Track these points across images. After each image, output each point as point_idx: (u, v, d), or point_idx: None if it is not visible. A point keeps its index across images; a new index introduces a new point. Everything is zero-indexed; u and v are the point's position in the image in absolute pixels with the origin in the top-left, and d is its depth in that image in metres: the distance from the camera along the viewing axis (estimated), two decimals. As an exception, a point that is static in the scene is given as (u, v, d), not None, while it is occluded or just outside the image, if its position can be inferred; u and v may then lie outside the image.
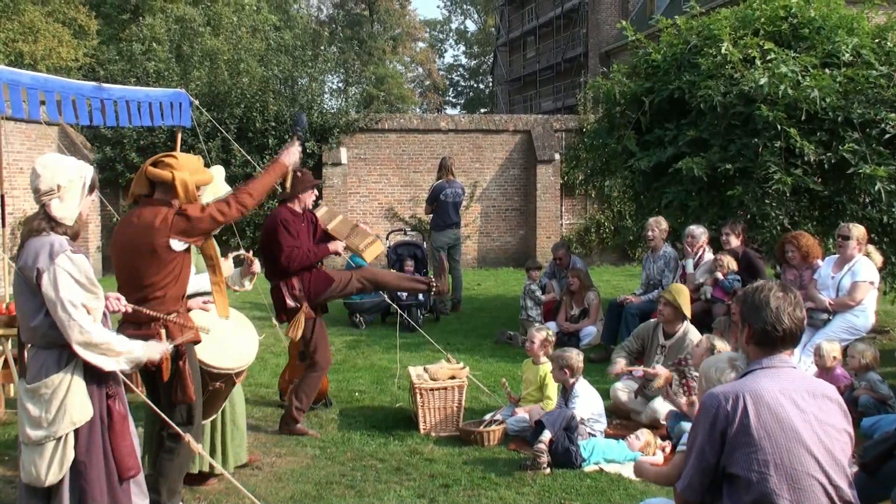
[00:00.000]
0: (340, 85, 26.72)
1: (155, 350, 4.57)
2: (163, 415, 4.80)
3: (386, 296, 11.32)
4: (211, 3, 33.05)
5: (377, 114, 22.36)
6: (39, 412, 4.10)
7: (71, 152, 17.20)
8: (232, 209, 4.95)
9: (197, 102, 8.64)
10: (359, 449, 7.00)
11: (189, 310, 5.28)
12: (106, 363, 4.17)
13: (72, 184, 4.22)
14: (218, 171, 6.28)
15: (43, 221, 4.16)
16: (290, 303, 7.17)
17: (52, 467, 4.09)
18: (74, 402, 4.12)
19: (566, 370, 7.13)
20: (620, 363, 7.97)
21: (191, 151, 15.35)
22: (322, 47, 25.22)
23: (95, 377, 4.23)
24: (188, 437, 4.81)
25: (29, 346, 4.23)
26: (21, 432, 4.18)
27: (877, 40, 10.94)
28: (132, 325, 4.76)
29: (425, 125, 22.41)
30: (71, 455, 4.12)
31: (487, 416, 7.46)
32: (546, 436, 6.46)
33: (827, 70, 10.32)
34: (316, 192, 7.60)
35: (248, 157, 13.05)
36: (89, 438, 4.18)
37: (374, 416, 7.96)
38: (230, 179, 19.13)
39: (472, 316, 13.85)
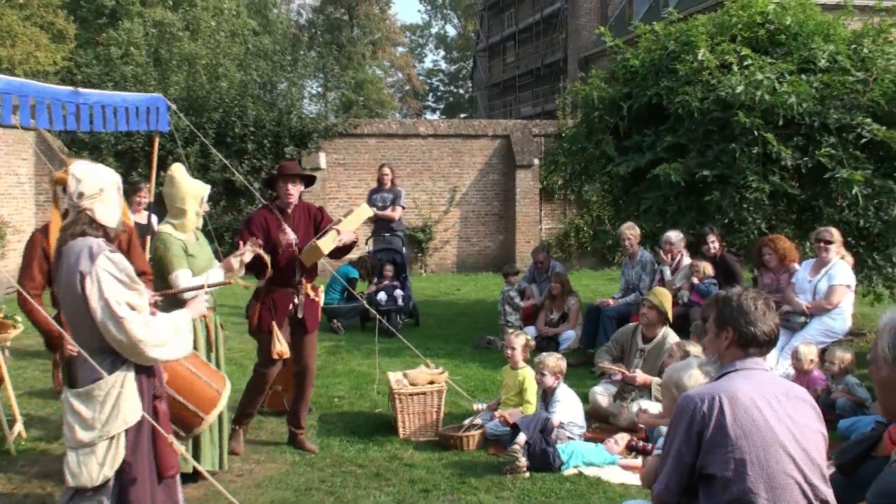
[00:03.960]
0: (320, 90, 26.74)
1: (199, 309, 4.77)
2: (155, 423, 4.77)
3: (364, 301, 11.30)
4: (190, 7, 32.96)
5: (356, 119, 22.35)
6: (92, 414, 4.12)
7: (48, 157, 17.11)
8: None
9: (175, 107, 8.59)
10: (338, 455, 6.98)
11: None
12: (147, 361, 4.22)
13: (112, 187, 4.31)
14: (177, 170, 6.22)
15: (85, 226, 4.19)
16: (257, 321, 6.97)
17: (104, 467, 4.11)
18: (127, 403, 4.15)
19: (549, 374, 7.15)
20: (604, 363, 8.04)
21: (168, 157, 15.32)
22: (301, 52, 25.13)
23: (145, 377, 4.28)
24: (171, 438, 4.80)
25: (78, 352, 4.21)
26: (68, 438, 4.17)
27: (853, 46, 11.02)
28: None
29: (404, 130, 22.40)
30: (122, 455, 4.15)
31: (467, 421, 7.46)
32: (521, 438, 6.47)
33: (803, 76, 10.38)
34: (297, 183, 7.04)
35: (227, 163, 12.98)
36: (136, 438, 4.22)
37: (354, 421, 7.94)
38: (208, 185, 19.22)
39: (452, 321, 13.85)
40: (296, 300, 7.02)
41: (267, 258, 6.30)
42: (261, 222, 6.90)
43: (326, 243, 6.81)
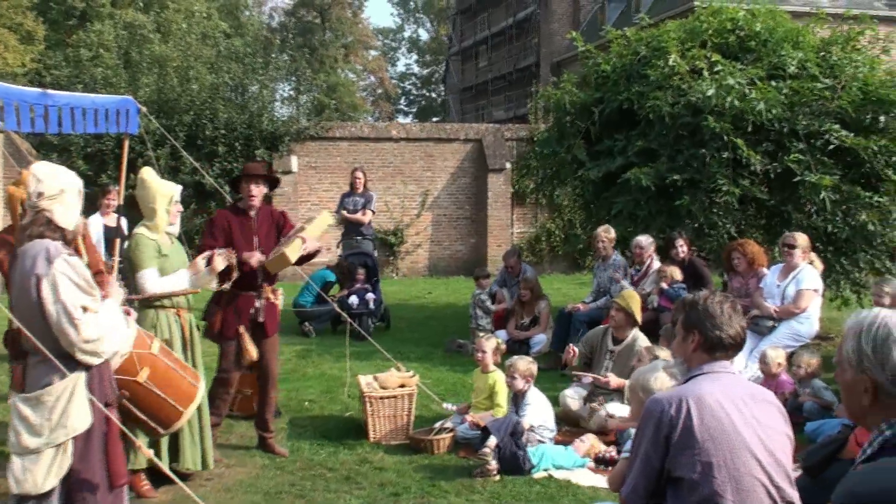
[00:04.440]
0: (291, 93, 26.56)
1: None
2: (123, 427, 4.75)
3: (336, 304, 11.28)
4: (161, 9, 32.76)
5: (328, 122, 22.29)
6: (40, 420, 4.06)
7: (16, 160, 16.94)
8: None
9: (145, 109, 8.51)
10: (308, 458, 6.96)
11: None
12: (97, 359, 4.17)
13: (72, 189, 4.27)
14: (146, 173, 6.23)
15: (43, 227, 4.15)
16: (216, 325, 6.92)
17: (50, 475, 4.06)
18: (76, 410, 4.10)
19: (520, 377, 7.16)
20: (573, 352, 8.06)
21: (139, 159, 15.17)
22: (273, 55, 24.95)
23: (96, 384, 4.22)
24: (139, 442, 4.78)
25: (30, 355, 4.16)
26: (13, 443, 4.11)
27: (821, 54, 11.14)
28: None
29: (376, 133, 22.39)
30: (68, 462, 4.09)
31: (437, 424, 7.45)
32: (491, 441, 6.48)
33: (773, 82, 10.47)
34: (260, 185, 6.98)
35: (197, 166, 12.89)
36: (86, 445, 4.15)
37: (324, 425, 7.92)
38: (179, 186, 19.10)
39: (423, 324, 13.84)
40: (257, 304, 6.97)
41: (235, 267, 6.31)
42: (223, 225, 6.85)
43: (293, 251, 6.77)
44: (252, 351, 6.81)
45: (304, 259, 6.99)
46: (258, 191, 6.95)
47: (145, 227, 6.12)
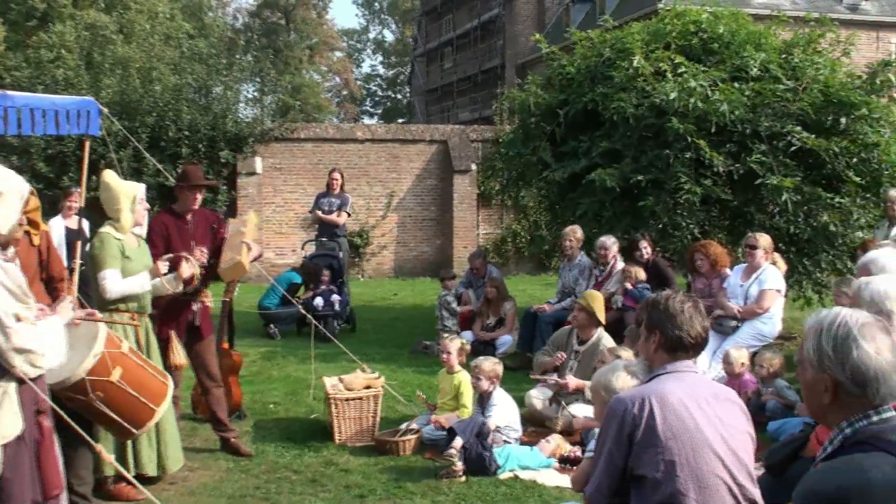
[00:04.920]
0: (256, 94, 26.43)
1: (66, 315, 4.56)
2: (75, 425, 4.70)
3: (300, 306, 11.24)
4: (123, 10, 32.42)
5: (293, 123, 22.21)
6: None
7: (-25, 161, 16.72)
8: None
9: (106, 111, 8.43)
10: (273, 461, 6.92)
11: None
12: (33, 371, 4.05)
13: (11, 193, 4.12)
14: (108, 175, 6.18)
15: None
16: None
17: None
18: (5, 417, 3.94)
19: (485, 378, 7.17)
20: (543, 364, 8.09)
21: (101, 161, 15.05)
22: (237, 56, 24.83)
23: (27, 392, 4.08)
24: (99, 447, 4.73)
25: None
26: None
27: (783, 55, 11.25)
28: None
29: (341, 135, 22.35)
30: None
31: (403, 426, 7.44)
32: (457, 442, 6.48)
33: (735, 84, 10.55)
34: (199, 193, 6.97)
35: (160, 168, 12.80)
36: (16, 455, 3.99)
37: (289, 427, 7.88)
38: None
39: (389, 326, 13.82)
40: (195, 308, 6.97)
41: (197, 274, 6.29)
42: (161, 231, 6.80)
43: (246, 259, 6.82)
44: (179, 357, 6.76)
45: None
46: (201, 196, 7.01)
47: (112, 226, 6.06)
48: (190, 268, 6.31)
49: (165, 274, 6.17)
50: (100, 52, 22.72)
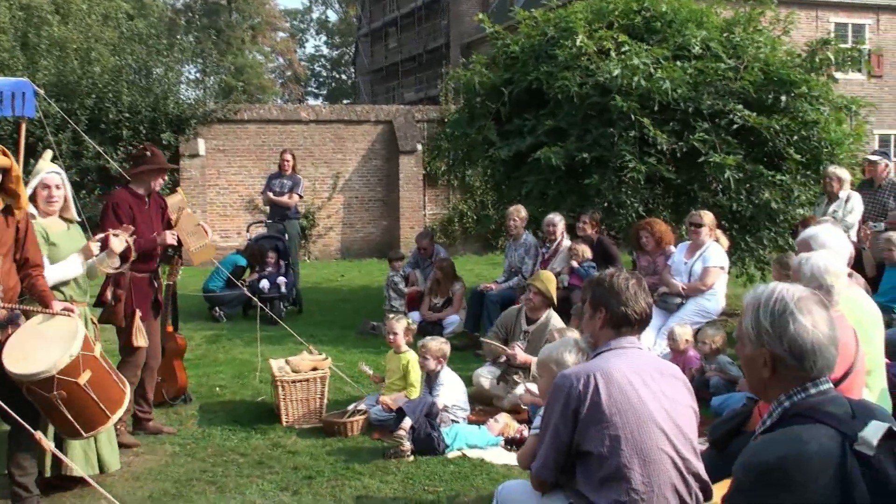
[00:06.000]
0: (198, 75, 26.15)
1: None
2: (31, 429, 4.64)
3: (246, 288, 11.16)
4: (60, -11, 31.80)
5: (236, 104, 22.00)
6: None
7: None
8: None
9: (42, 92, 8.27)
10: (220, 444, 6.86)
11: None
12: None
13: None
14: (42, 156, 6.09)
15: None
16: (107, 297, 6.73)
17: None
18: None
19: (432, 358, 7.18)
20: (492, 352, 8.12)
21: (38, 144, 14.78)
22: (178, 36, 24.59)
23: None
24: (39, 434, 4.66)
25: None
26: None
27: (724, 34, 11.34)
28: None
29: (286, 116, 22.19)
30: None
31: (350, 407, 7.43)
32: (406, 423, 6.48)
33: (678, 62, 10.63)
34: (165, 176, 7.16)
35: (100, 150, 12.63)
36: None
37: (236, 410, 7.82)
38: (82, 172, 18.68)
39: (336, 307, 13.77)
40: (155, 284, 7.00)
41: (132, 247, 6.21)
42: (127, 209, 6.74)
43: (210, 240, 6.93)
44: (142, 337, 6.71)
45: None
46: (162, 180, 7.08)
47: (35, 211, 5.89)
48: (120, 242, 6.19)
49: (98, 255, 6.05)
50: (35, 32, 22.32)
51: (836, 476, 2.25)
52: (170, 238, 6.97)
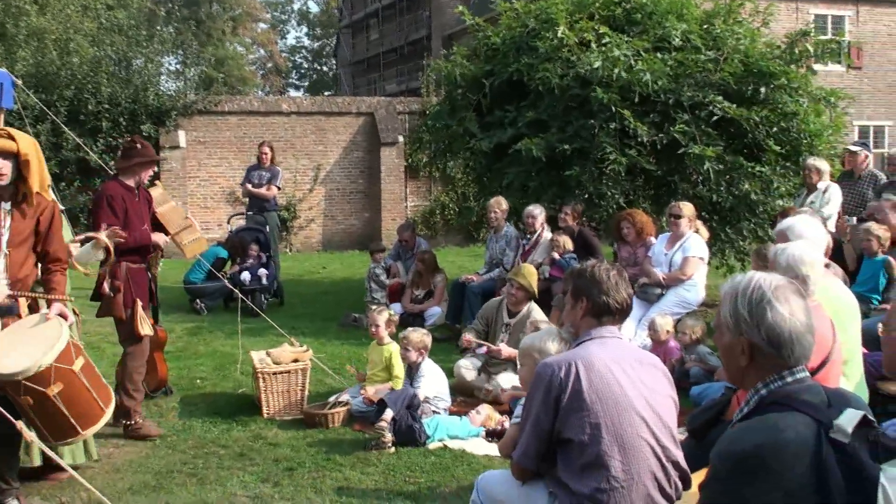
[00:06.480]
0: (178, 66, 26.03)
1: None
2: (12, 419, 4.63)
3: (227, 280, 11.13)
4: (38, -20, 31.56)
5: (217, 96, 21.92)
6: None
7: None
8: None
9: (21, 83, 8.21)
10: (200, 436, 6.85)
11: None
12: None
13: None
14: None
15: None
16: (106, 289, 6.72)
17: None
18: None
19: (413, 349, 7.19)
20: (469, 336, 8.11)
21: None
22: (158, 27, 24.47)
23: None
24: (20, 424, 4.64)
25: None
26: None
27: (704, 26, 11.36)
28: None
29: (266, 107, 22.14)
30: None
31: (332, 398, 7.43)
32: (388, 414, 6.48)
33: (658, 54, 10.64)
34: (154, 168, 7.22)
35: (80, 142, 12.54)
36: None
37: (217, 402, 7.81)
38: (61, 164, 18.57)
39: (318, 299, 13.76)
40: (149, 275, 7.01)
41: (112, 247, 6.21)
42: (120, 202, 6.74)
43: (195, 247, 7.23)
44: (146, 326, 6.74)
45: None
46: (151, 172, 7.08)
47: None
48: (112, 235, 6.21)
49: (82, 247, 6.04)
50: (13, 23, 22.11)
51: (812, 463, 2.27)
52: (162, 241, 7.12)
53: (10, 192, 5.05)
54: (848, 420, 2.32)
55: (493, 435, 6.76)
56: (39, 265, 5.29)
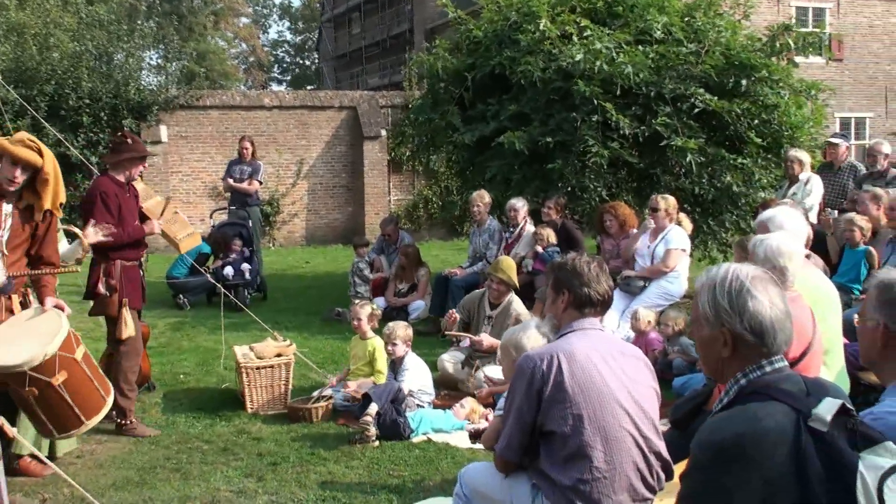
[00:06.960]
0: (159, 61, 25.89)
1: None
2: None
3: (209, 275, 11.10)
4: (17, -26, 31.38)
5: (198, 91, 21.83)
6: None
7: None
8: None
9: (0, 78, 8.17)
10: (184, 432, 6.83)
11: None
12: None
13: None
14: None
15: None
16: (101, 289, 6.67)
17: None
18: None
19: (402, 343, 7.19)
20: (455, 313, 8.13)
21: (-2, 130, 14.59)
22: (139, 22, 24.30)
23: None
24: (2, 420, 4.62)
25: None
26: None
27: (686, 19, 11.40)
28: None
29: (249, 102, 22.07)
30: None
31: (315, 393, 7.42)
32: (372, 408, 6.48)
33: (640, 47, 10.67)
34: (145, 164, 7.17)
35: (61, 137, 12.47)
36: None
37: (200, 397, 7.79)
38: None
39: (301, 294, 13.75)
40: (141, 272, 6.97)
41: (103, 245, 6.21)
42: (115, 200, 6.71)
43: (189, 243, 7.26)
44: (131, 326, 6.69)
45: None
46: (142, 167, 7.04)
47: None
48: (94, 234, 6.20)
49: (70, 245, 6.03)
50: (-9, 18, 22.00)
51: (791, 452, 2.29)
52: (157, 228, 7.06)
53: (15, 197, 5.08)
54: (826, 409, 2.34)
55: (476, 436, 6.77)
56: (30, 268, 5.28)
